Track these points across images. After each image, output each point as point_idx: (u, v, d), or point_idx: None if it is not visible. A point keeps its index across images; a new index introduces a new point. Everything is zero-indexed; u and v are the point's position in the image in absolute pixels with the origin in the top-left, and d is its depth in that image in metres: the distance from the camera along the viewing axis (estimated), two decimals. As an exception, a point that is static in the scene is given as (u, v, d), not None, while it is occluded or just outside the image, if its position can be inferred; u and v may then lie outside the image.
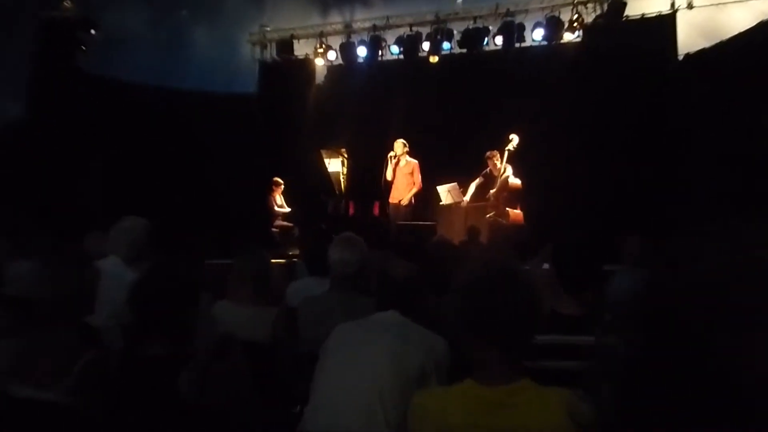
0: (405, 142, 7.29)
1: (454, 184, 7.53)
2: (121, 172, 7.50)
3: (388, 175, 7.26)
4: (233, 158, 8.39)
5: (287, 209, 8.25)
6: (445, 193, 7.53)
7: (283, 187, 8.13)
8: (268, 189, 8.15)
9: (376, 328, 2.06)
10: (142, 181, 7.49)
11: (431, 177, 7.57)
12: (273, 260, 3.67)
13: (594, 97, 7.66)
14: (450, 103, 8.54)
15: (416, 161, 7.31)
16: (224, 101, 8.79)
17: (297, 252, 6.85)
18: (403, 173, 7.26)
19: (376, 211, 7.86)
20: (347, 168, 8.17)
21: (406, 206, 7.27)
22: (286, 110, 9.05)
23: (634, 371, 1.51)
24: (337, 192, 8.06)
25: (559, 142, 7.48)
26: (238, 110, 8.73)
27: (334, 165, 8.16)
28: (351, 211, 8.07)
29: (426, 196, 7.63)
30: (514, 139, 7.16)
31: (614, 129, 7.46)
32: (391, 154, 7.22)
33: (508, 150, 7.14)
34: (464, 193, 7.45)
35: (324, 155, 8.15)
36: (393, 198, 7.39)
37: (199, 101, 8.61)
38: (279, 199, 8.17)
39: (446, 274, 2.45)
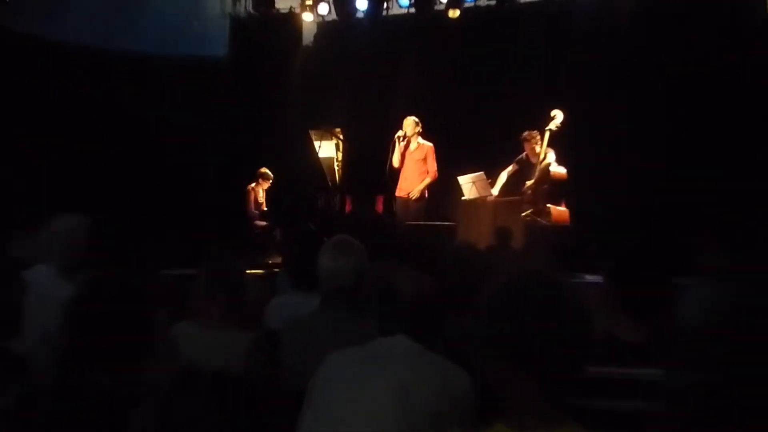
0: (417, 120, 7.29)
1: (480, 173, 7.47)
2: (54, 157, 7.42)
3: (395, 162, 7.28)
4: (198, 140, 8.38)
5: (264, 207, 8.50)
6: (469, 184, 7.47)
7: (271, 181, 8.45)
8: (255, 182, 8.44)
9: (379, 359, 2.06)
10: (82, 169, 7.45)
11: (450, 164, 7.51)
12: (248, 270, 3.72)
13: (661, 61, 7.55)
14: (474, 70, 8.44)
15: (431, 144, 7.34)
16: (187, 67, 8.71)
17: (278, 260, 6.80)
18: (413, 159, 7.28)
19: (380, 207, 7.84)
20: (343, 153, 8.02)
21: (417, 201, 7.31)
22: (264, 79, 8.94)
23: (712, 416, 1.49)
24: (329, 183, 7.99)
25: (616, 121, 7.42)
26: (204, 79, 8.66)
27: (327, 149, 8.04)
28: (348, 207, 8.01)
29: (443, 188, 7.59)
30: (558, 117, 7.11)
31: (687, 104, 7.35)
32: (399, 134, 7.24)
33: (550, 130, 7.10)
34: (492, 184, 7.42)
35: (313, 137, 8.01)
36: (401, 191, 7.44)
37: (156, 67, 8.57)
38: (262, 195, 8.32)
39: (469, 287, 2.41)
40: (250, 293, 3.08)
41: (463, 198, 7.51)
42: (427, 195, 7.36)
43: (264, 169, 8.52)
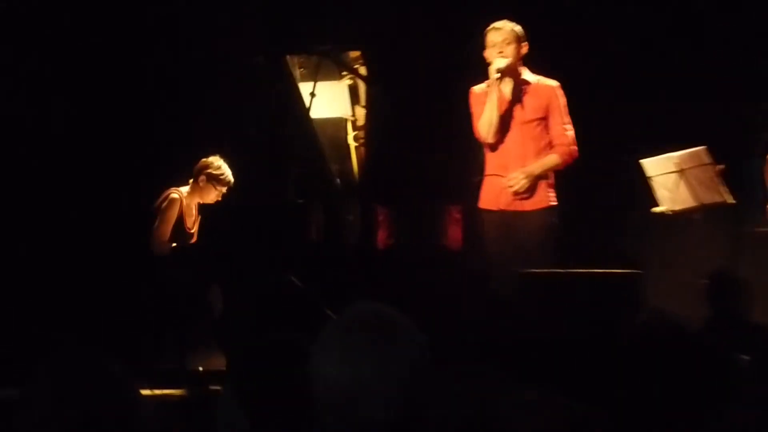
0: (519, 29, 3.77)
1: (699, 149, 4.04)
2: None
3: (484, 131, 3.77)
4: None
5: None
6: (670, 178, 4.06)
7: (227, 186, 4.25)
8: (192, 183, 4.24)
9: None
10: None
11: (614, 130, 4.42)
12: (151, 391, 3.13)
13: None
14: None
15: (555, 83, 3.92)
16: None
17: (219, 366, 3.84)
18: (521, 118, 3.82)
19: (455, 232, 4.17)
20: (367, 108, 4.22)
21: (537, 213, 3.82)
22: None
23: None
24: (334, 179, 4.09)
25: None
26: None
27: (329, 101, 4.16)
28: (380, 234, 4.16)
29: (589, 183, 4.42)
30: None
31: None
32: (493, 69, 3.69)
33: None
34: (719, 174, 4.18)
35: (297, 74, 4.09)
36: (496, 188, 3.84)
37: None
38: (195, 212, 4.18)
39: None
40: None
41: (655, 210, 4.17)
42: (555, 198, 3.80)
43: (211, 160, 4.14)
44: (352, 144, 4.17)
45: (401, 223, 4.07)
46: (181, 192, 4.02)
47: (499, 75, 3.56)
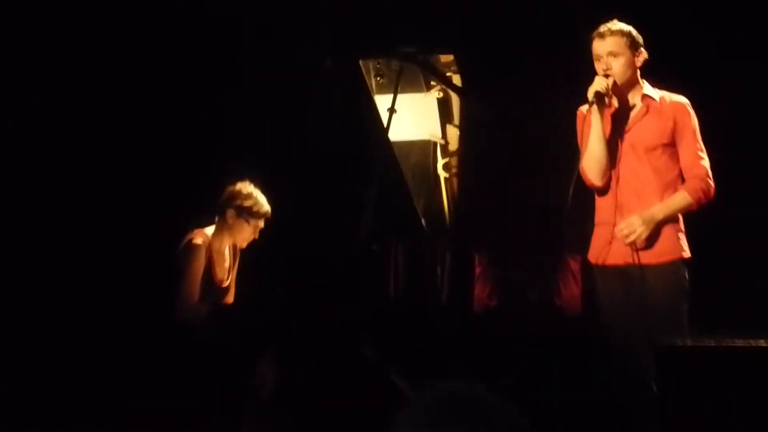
0: (632, 30, 2.99)
1: None
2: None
3: (590, 169, 3.03)
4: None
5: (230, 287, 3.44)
6: None
7: (265, 217, 3.46)
8: (218, 219, 3.44)
9: None
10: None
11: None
12: None
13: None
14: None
15: (683, 100, 3.10)
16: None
17: None
18: (639, 146, 3.02)
19: (573, 288, 3.38)
20: (461, 128, 3.52)
21: (665, 267, 2.99)
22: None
23: None
24: (422, 219, 3.36)
25: None
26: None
27: (411, 118, 3.46)
28: (478, 291, 3.34)
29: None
30: None
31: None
32: (598, 88, 2.93)
33: None
34: None
35: (373, 78, 3.40)
36: (608, 238, 3.03)
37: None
38: (230, 257, 3.47)
39: None
40: None
41: None
42: (687, 248, 2.97)
43: (239, 188, 3.36)
44: (442, 174, 3.44)
45: (506, 277, 3.24)
46: (205, 235, 3.27)
47: (595, 101, 2.81)
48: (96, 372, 3.31)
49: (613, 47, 2.88)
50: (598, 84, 2.84)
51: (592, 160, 2.91)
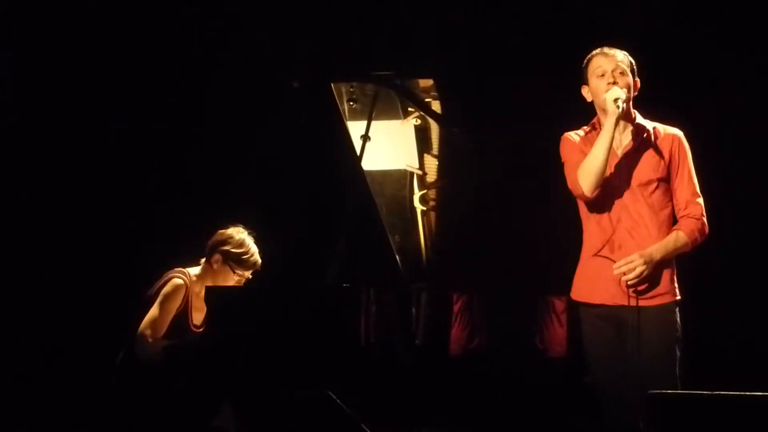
0: (628, 58, 2.91)
1: None
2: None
3: (585, 177, 2.83)
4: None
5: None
6: None
7: (248, 268, 3.34)
8: (206, 264, 3.33)
9: None
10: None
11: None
12: None
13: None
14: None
15: (677, 132, 2.99)
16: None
17: None
18: (638, 181, 2.89)
19: (556, 332, 3.20)
20: (440, 161, 3.43)
21: (660, 309, 2.82)
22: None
23: None
24: (397, 252, 3.14)
25: None
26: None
27: (393, 147, 3.33)
28: (456, 333, 3.15)
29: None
30: None
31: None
32: (612, 100, 2.76)
33: None
34: None
35: (346, 103, 3.19)
36: (599, 275, 2.85)
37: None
38: (203, 306, 3.19)
39: None
40: None
41: None
42: (678, 294, 2.82)
43: (231, 232, 3.23)
44: (419, 207, 3.26)
45: (486, 318, 3.03)
46: (188, 275, 3.09)
47: (620, 108, 2.64)
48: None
49: (620, 64, 2.79)
50: (618, 92, 2.70)
51: (590, 170, 2.75)
